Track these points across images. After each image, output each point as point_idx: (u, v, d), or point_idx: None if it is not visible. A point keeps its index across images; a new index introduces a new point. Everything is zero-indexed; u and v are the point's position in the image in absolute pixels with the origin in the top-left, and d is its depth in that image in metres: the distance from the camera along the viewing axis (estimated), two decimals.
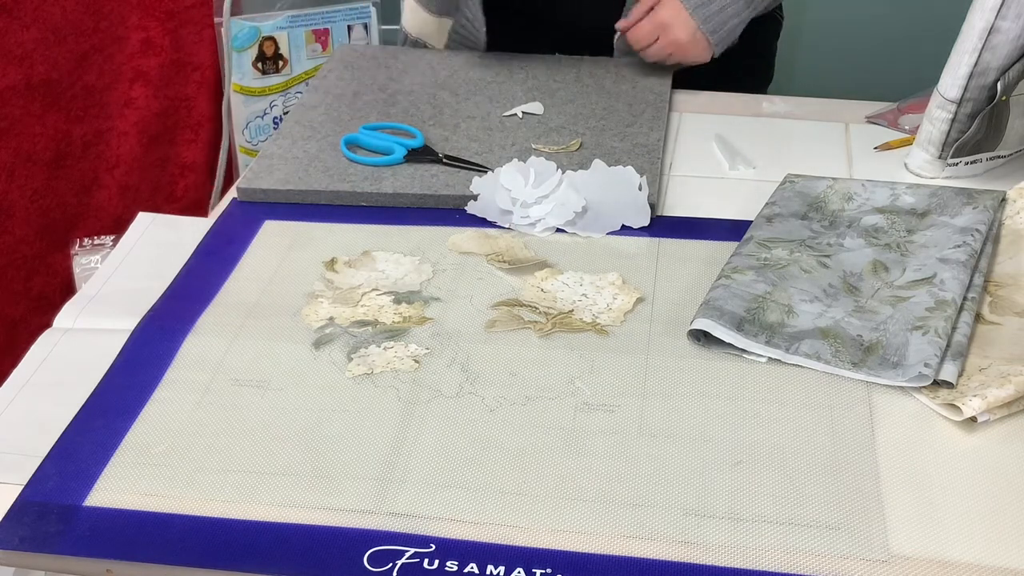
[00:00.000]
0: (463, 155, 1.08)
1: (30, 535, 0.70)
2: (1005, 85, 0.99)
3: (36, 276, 1.55)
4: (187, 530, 0.70)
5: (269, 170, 1.07)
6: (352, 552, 0.68)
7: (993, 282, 0.90)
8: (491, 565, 0.67)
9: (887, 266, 0.90)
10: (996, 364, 0.80)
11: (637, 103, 1.17)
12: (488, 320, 0.88)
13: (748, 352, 0.82)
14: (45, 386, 0.83)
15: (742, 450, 0.74)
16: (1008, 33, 0.97)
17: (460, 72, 1.25)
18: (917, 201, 0.98)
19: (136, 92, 1.59)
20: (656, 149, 1.08)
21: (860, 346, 0.82)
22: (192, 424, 0.78)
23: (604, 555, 0.67)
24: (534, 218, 0.99)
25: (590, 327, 0.87)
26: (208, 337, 0.87)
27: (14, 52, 1.42)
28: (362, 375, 0.82)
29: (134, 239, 1.00)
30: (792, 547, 0.67)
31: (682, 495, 0.71)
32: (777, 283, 0.88)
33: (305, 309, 0.90)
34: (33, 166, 1.49)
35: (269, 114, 1.73)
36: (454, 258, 0.96)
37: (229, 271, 0.95)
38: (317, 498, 0.72)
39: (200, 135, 1.69)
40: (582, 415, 0.78)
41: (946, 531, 0.68)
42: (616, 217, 0.99)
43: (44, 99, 1.48)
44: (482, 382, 0.81)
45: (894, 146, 1.12)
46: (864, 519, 0.69)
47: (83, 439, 0.77)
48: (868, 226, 0.95)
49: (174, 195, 1.70)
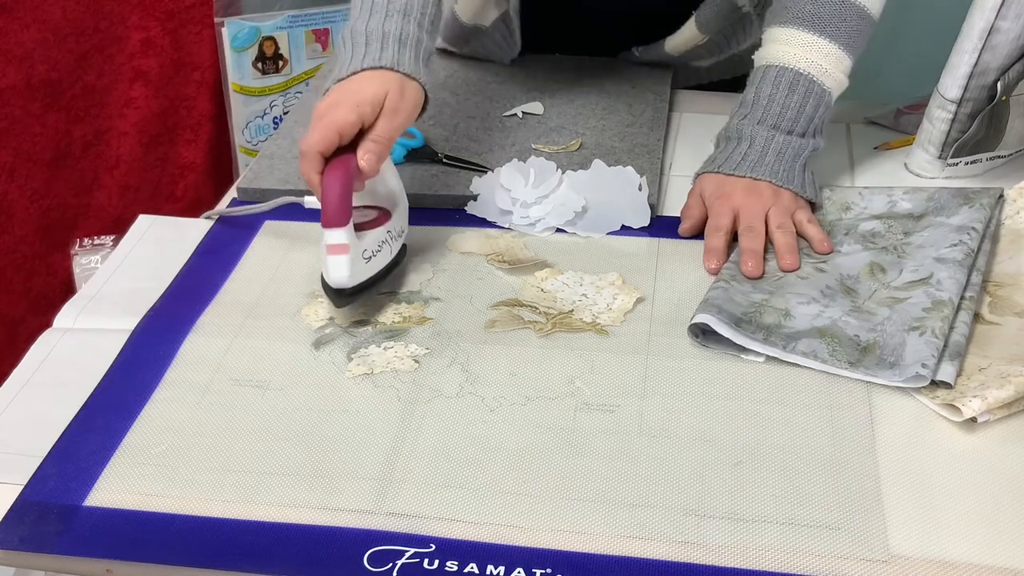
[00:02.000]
0: (463, 155, 1.08)
1: (30, 535, 0.70)
2: (1005, 85, 0.99)
3: (36, 276, 1.54)
4: (187, 530, 0.70)
5: (269, 170, 1.07)
6: (352, 552, 0.68)
7: (993, 282, 0.90)
8: (491, 565, 0.67)
9: (884, 268, 0.90)
10: (996, 364, 0.80)
11: (637, 103, 1.17)
12: (488, 320, 0.88)
13: (746, 351, 0.82)
14: (45, 386, 0.83)
15: (742, 450, 0.74)
16: (1008, 33, 0.97)
17: (460, 72, 1.25)
18: (914, 206, 0.97)
19: (136, 92, 1.59)
20: (656, 149, 1.08)
21: (857, 346, 0.82)
22: (192, 424, 0.78)
23: (604, 555, 0.67)
24: (534, 218, 0.99)
25: (590, 327, 0.87)
26: (208, 337, 0.87)
27: (14, 52, 1.42)
28: (362, 375, 0.82)
29: (134, 241, 1.00)
30: (792, 547, 0.67)
31: (682, 495, 0.71)
32: (774, 291, 0.88)
33: (305, 309, 0.90)
34: (33, 166, 1.49)
35: (269, 114, 1.72)
36: (454, 258, 0.96)
37: (229, 271, 0.95)
38: (317, 498, 0.72)
39: (200, 135, 1.69)
40: (582, 415, 0.78)
41: (946, 531, 0.68)
42: (616, 217, 0.99)
43: (44, 99, 1.48)
44: (482, 382, 0.81)
45: (894, 146, 1.12)
46: (864, 519, 0.69)
47: (83, 439, 0.77)
48: (865, 231, 0.95)
49: (174, 195, 1.70)
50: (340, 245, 0.84)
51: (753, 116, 0.99)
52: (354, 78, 0.89)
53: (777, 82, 0.98)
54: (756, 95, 0.99)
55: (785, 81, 0.98)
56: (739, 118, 1.00)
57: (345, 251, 0.84)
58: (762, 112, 0.98)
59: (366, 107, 0.86)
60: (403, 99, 0.88)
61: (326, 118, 0.85)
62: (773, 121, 0.98)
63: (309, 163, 0.85)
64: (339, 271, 0.84)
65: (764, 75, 0.99)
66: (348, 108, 0.85)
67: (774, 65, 0.98)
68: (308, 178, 0.85)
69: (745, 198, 0.95)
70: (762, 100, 0.98)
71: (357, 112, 0.85)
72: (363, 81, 0.88)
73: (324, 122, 0.85)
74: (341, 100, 0.86)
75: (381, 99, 0.87)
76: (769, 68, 0.99)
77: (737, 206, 0.95)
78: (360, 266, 0.86)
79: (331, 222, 0.84)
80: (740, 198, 0.96)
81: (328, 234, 0.84)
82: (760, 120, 0.98)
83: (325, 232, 0.84)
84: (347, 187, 0.84)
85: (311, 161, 0.84)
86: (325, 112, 0.86)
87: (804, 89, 0.97)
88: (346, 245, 0.84)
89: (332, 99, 0.87)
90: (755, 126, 0.98)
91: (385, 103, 0.87)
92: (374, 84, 0.87)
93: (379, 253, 0.88)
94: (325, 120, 0.85)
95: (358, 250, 0.86)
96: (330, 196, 0.84)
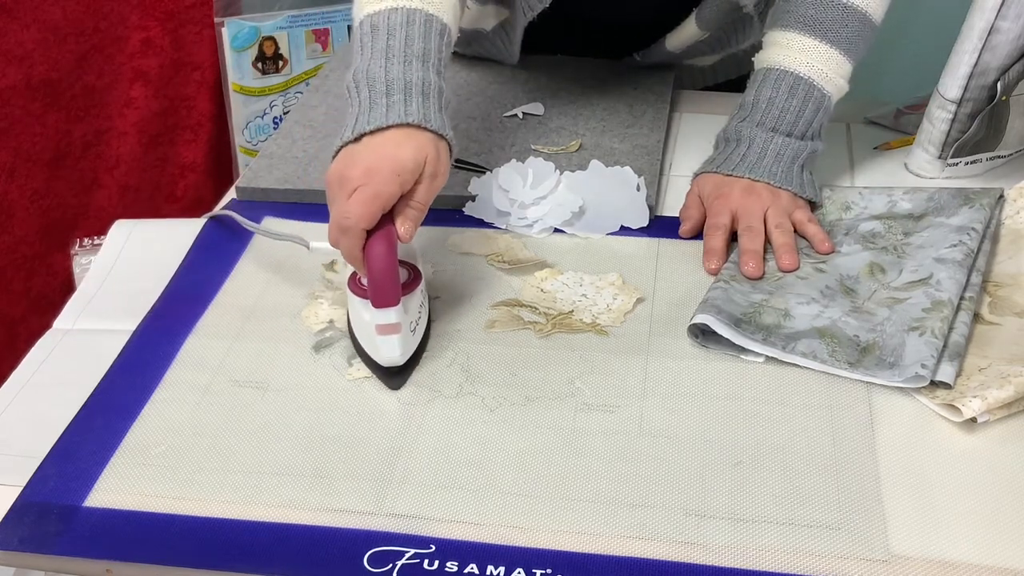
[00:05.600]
0: (463, 155, 1.08)
1: (30, 536, 0.70)
2: (1005, 85, 0.99)
3: (36, 276, 1.54)
4: (187, 530, 0.70)
5: (269, 169, 1.07)
6: (352, 553, 0.68)
7: (993, 282, 0.90)
8: (491, 566, 0.67)
9: (884, 268, 0.90)
10: (996, 364, 0.80)
11: (638, 104, 1.17)
12: (488, 320, 0.88)
13: (746, 351, 0.82)
14: (45, 386, 0.83)
15: (742, 450, 0.74)
16: (1008, 33, 0.97)
17: (461, 72, 1.25)
18: (915, 207, 0.97)
19: (136, 92, 1.59)
20: (656, 151, 1.08)
21: (857, 346, 0.82)
22: (192, 425, 0.78)
23: (604, 555, 0.67)
24: (531, 219, 0.99)
25: (590, 327, 0.87)
26: (208, 338, 0.87)
27: (14, 52, 1.42)
28: (363, 378, 0.82)
29: (119, 245, 0.99)
30: (792, 547, 0.67)
31: (682, 495, 0.71)
32: (774, 292, 0.88)
33: (305, 311, 0.90)
34: (33, 166, 1.49)
35: (269, 114, 1.72)
36: (454, 258, 0.96)
37: (229, 271, 0.95)
38: (317, 499, 0.72)
39: (200, 135, 1.69)
40: (582, 415, 0.78)
41: (946, 531, 0.68)
42: (615, 218, 0.99)
43: (44, 99, 1.48)
44: (482, 382, 0.81)
45: (894, 146, 1.12)
46: (864, 519, 0.69)
47: (83, 439, 0.77)
48: (865, 232, 0.95)
49: (174, 195, 1.70)
50: (392, 325, 0.79)
51: (752, 118, 0.99)
52: (385, 136, 0.81)
53: (777, 85, 0.98)
54: (756, 98, 0.99)
55: (785, 85, 0.98)
56: (738, 120, 1.00)
57: (397, 330, 0.79)
58: (761, 115, 0.98)
59: (408, 176, 0.79)
60: (439, 162, 0.82)
61: (368, 189, 0.77)
62: (772, 124, 0.98)
63: (353, 239, 0.77)
64: (392, 351, 0.80)
65: (764, 78, 0.99)
66: (389, 178, 0.78)
67: (774, 68, 0.99)
68: (351, 254, 0.79)
69: (743, 198, 0.96)
70: (761, 103, 0.98)
71: (399, 183, 0.78)
72: (397, 143, 0.80)
73: (366, 194, 0.77)
74: (378, 166, 0.79)
75: (421, 165, 0.80)
76: (769, 71, 0.99)
77: (735, 206, 0.95)
78: (409, 340, 0.81)
79: (384, 301, 0.78)
80: (738, 198, 0.96)
81: (379, 314, 0.78)
82: (759, 123, 0.98)
83: (374, 312, 0.79)
84: (396, 263, 0.79)
85: (355, 237, 0.77)
86: (362, 179, 0.78)
87: (804, 93, 0.97)
88: (398, 324, 0.79)
89: (365, 162, 0.79)
90: (754, 128, 0.98)
91: (424, 168, 0.81)
92: (410, 148, 0.80)
93: (420, 319, 0.84)
94: (367, 192, 0.77)
95: (407, 325, 0.81)
96: (382, 276, 0.78)
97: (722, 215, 0.95)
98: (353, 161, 0.80)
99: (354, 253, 0.79)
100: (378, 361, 0.81)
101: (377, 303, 0.78)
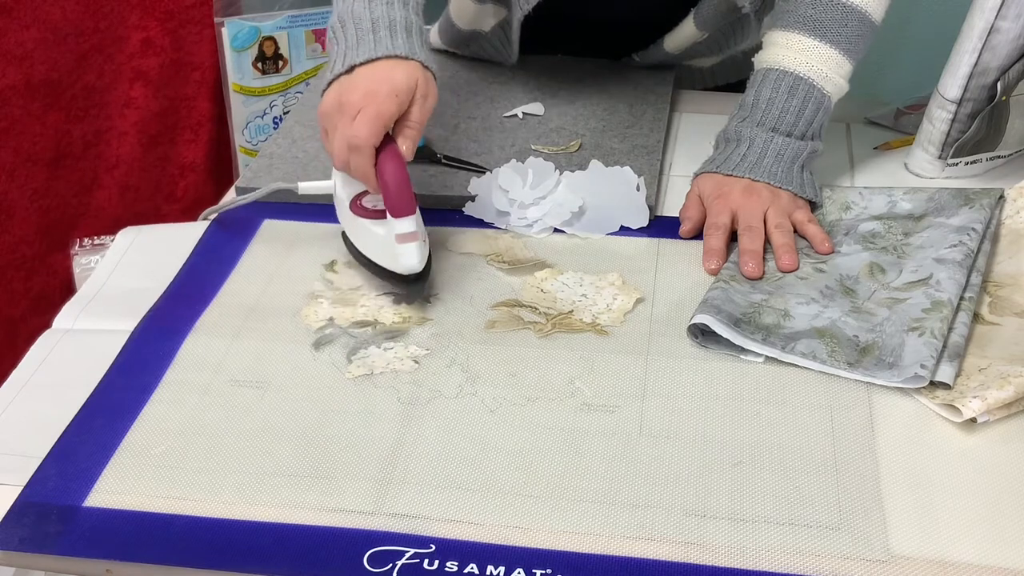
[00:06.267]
0: (463, 155, 1.08)
1: (30, 536, 0.70)
2: (1005, 85, 0.99)
3: (36, 276, 1.54)
4: (187, 530, 0.70)
5: (269, 170, 1.07)
6: (352, 552, 0.68)
7: (993, 282, 0.90)
8: (491, 566, 0.67)
9: (884, 268, 0.90)
10: (996, 364, 0.80)
11: (638, 104, 1.17)
12: (488, 320, 0.88)
13: (745, 351, 0.82)
14: (45, 386, 0.83)
15: (742, 451, 0.74)
16: (1008, 33, 0.97)
17: (461, 72, 1.25)
18: (915, 207, 0.97)
19: (136, 92, 1.59)
20: (656, 151, 1.08)
21: (856, 347, 0.82)
22: (192, 425, 0.78)
23: (604, 556, 0.67)
24: (531, 219, 0.99)
25: (590, 327, 0.87)
26: (208, 338, 0.87)
27: (14, 52, 1.42)
28: (362, 376, 0.82)
29: (122, 251, 0.99)
30: (792, 547, 0.67)
31: (682, 496, 0.71)
32: (773, 292, 0.88)
33: (305, 310, 0.90)
34: (33, 166, 1.49)
35: (269, 114, 1.72)
36: (454, 258, 0.96)
37: (229, 271, 0.95)
38: (317, 499, 0.72)
39: (200, 135, 1.69)
40: (582, 416, 0.78)
41: (946, 531, 0.68)
42: (614, 218, 0.99)
43: (44, 99, 1.48)
44: (482, 382, 0.81)
45: (894, 146, 1.12)
46: (864, 519, 0.69)
47: (83, 439, 0.77)
48: (865, 232, 0.95)
49: (174, 195, 1.69)
50: (411, 233, 0.85)
51: (752, 119, 0.99)
52: (376, 65, 0.87)
53: (777, 86, 0.98)
54: (756, 98, 0.99)
55: (785, 85, 0.98)
56: (738, 120, 1.00)
57: (416, 239, 0.85)
58: (761, 115, 0.98)
59: (404, 96, 0.86)
60: (429, 84, 0.89)
61: (370, 109, 0.84)
62: (772, 124, 0.98)
63: (365, 157, 0.84)
64: (411, 258, 0.86)
65: (764, 78, 0.99)
66: (388, 98, 0.85)
67: (774, 69, 0.99)
68: (364, 171, 0.85)
69: (743, 198, 0.96)
70: (761, 103, 0.98)
71: (397, 102, 0.85)
72: (390, 69, 0.87)
73: (369, 114, 0.84)
74: (376, 89, 0.85)
75: (414, 87, 0.87)
76: (769, 72, 0.99)
77: (735, 206, 0.95)
78: (423, 247, 0.87)
79: (403, 211, 0.85)
80: (738, 198, 0.96)
81: (398, 223, 0.85)
82: (759, 123, 0.98)
83: (394, 222, 0.84)
84: (407, 174, 0.85)
85: (366, 155, 0.84)
86: (362, 102, 0.85)
87: (804, 93, 0.97)
88: (416, 232, 0.85)
89: (363, 87, 0.86)
90: (754, 128, 0.98)
91: (417, 90, 0.87)
92: (401, 71, 0.87)
93: (424, 231, 0.89)
94: (370, 112, 0.84)
95: (423, 235, 0.87)
96: (397, 186, 0.84)
97: (722, 215, 0.95)
98: (350, 88, 0.86)
99: (366, 170, 0.85)
100: (398, 271, 0.87)
101: (397, 213, 0.85)
